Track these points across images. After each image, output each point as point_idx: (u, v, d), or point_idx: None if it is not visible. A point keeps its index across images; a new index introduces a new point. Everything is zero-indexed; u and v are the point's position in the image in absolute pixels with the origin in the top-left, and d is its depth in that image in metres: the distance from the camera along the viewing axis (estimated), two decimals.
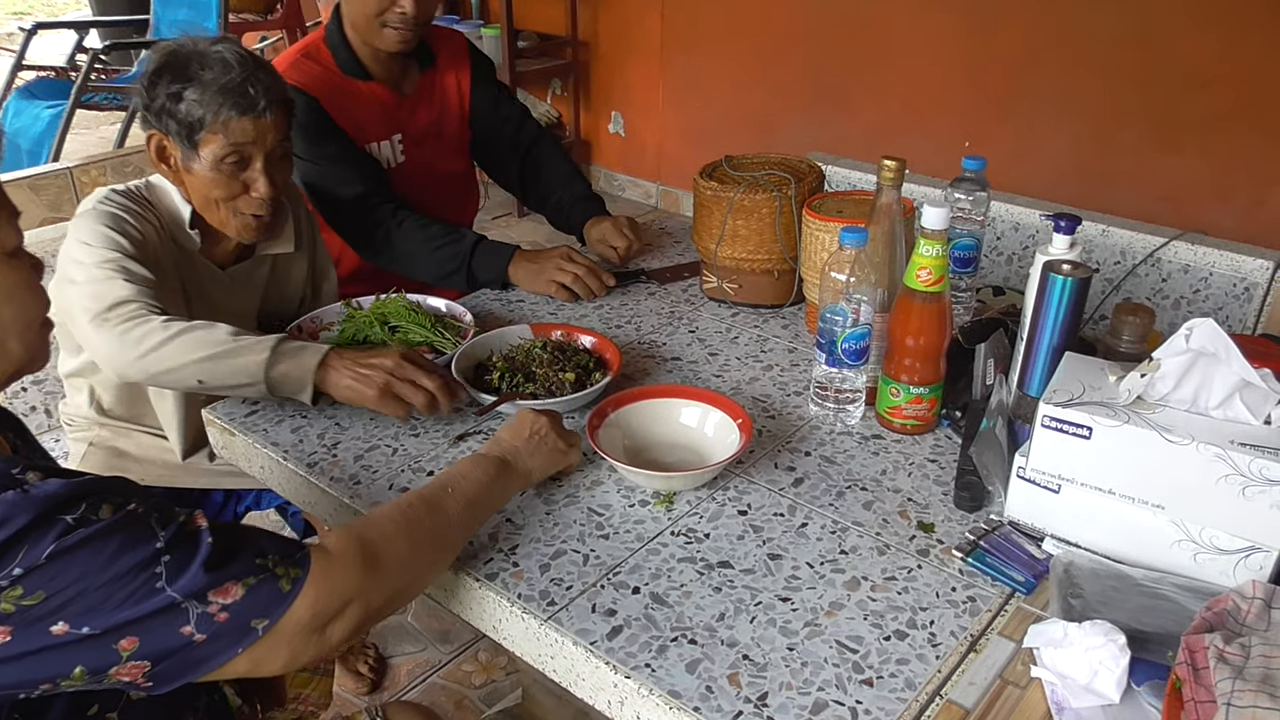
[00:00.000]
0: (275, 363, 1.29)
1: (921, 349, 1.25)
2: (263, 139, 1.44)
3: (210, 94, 1.38)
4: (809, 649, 0.96)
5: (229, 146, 1.41)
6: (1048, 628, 0.93)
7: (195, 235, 1.52)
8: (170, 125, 1.41)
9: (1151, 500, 0.99)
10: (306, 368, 1.30)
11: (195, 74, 1.39)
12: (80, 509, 0.76)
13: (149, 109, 1.42)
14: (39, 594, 0.73)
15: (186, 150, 1.43)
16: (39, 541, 0.73)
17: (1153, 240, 1.79)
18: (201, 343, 1.30)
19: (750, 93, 4.13)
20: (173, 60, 1.41)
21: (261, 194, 1.46)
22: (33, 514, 0.73)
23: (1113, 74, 3.13)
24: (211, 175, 1.43)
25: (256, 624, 0.82)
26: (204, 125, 1.40)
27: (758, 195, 1.59)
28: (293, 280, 1.72)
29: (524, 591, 1.04)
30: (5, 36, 7.77)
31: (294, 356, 1.31)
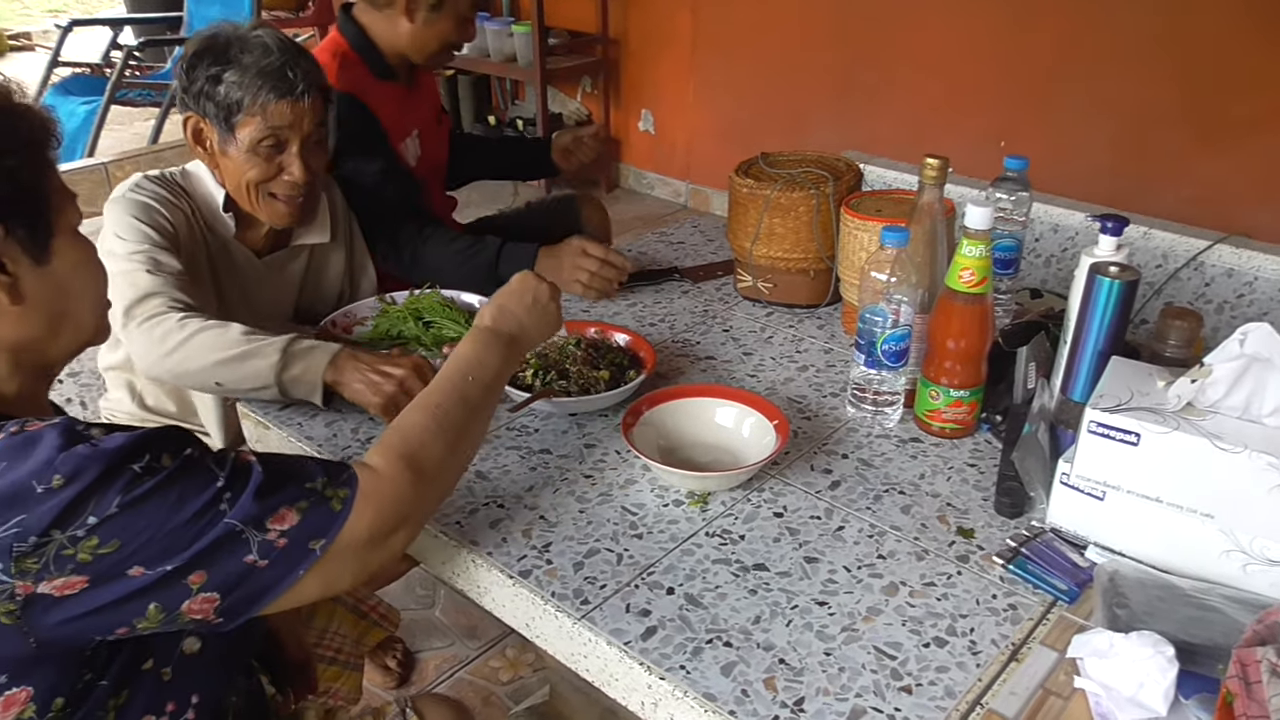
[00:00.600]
0: (286, 366, 1.31)
1: (962, 351, 1.23)
2: (299, 123, 1.44)
3: (250, 77, 1.39)
4: (846, 654, 0.95)
5: (266, 129, 1.42)
6: (1092, 638, 0.91)
7: (230, 219, 1.52)
8: (208, 108, 1.42)
9: (1200, 509, 0.97)
10: (316, 370, 1.31)
11: (235, 57, 1.40)
12: (145, 459, 0.79)
13: (187, 91, 1.43)
14: (114, 542, 0.77)
15: (223, 133, 1.43)
16: (109, 492, 0.77)
17: (1195, 243, 1.76)
18: (215, 345, 1.31)
19: (781, 90, 4.10)
20: (213, 44, 1.42)
21: (295, 177, 1.47)
22: (103, 466, 0.77)
23: (1152, 73, 3.08)
24: (247, 158, 1.44)
25: (314, 544, 0.85)
26: (242, 108, 1.40)
27: (795, 193, 1.58)
28: (330, 273, 1.72)
29: (557, 590, 1.03)
30: (41, 34, 7.87)
31: (304, 359, 1.31)
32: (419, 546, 1.16)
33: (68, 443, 0.77)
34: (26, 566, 0.75)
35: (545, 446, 1.28)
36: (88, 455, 0.77)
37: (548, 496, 1.18)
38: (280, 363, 1.30)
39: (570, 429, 1.31)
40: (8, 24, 8.16)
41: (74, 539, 0.75)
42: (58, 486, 0.75)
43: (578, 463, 1.24)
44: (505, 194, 4.71)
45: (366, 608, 1.45)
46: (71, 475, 0.76)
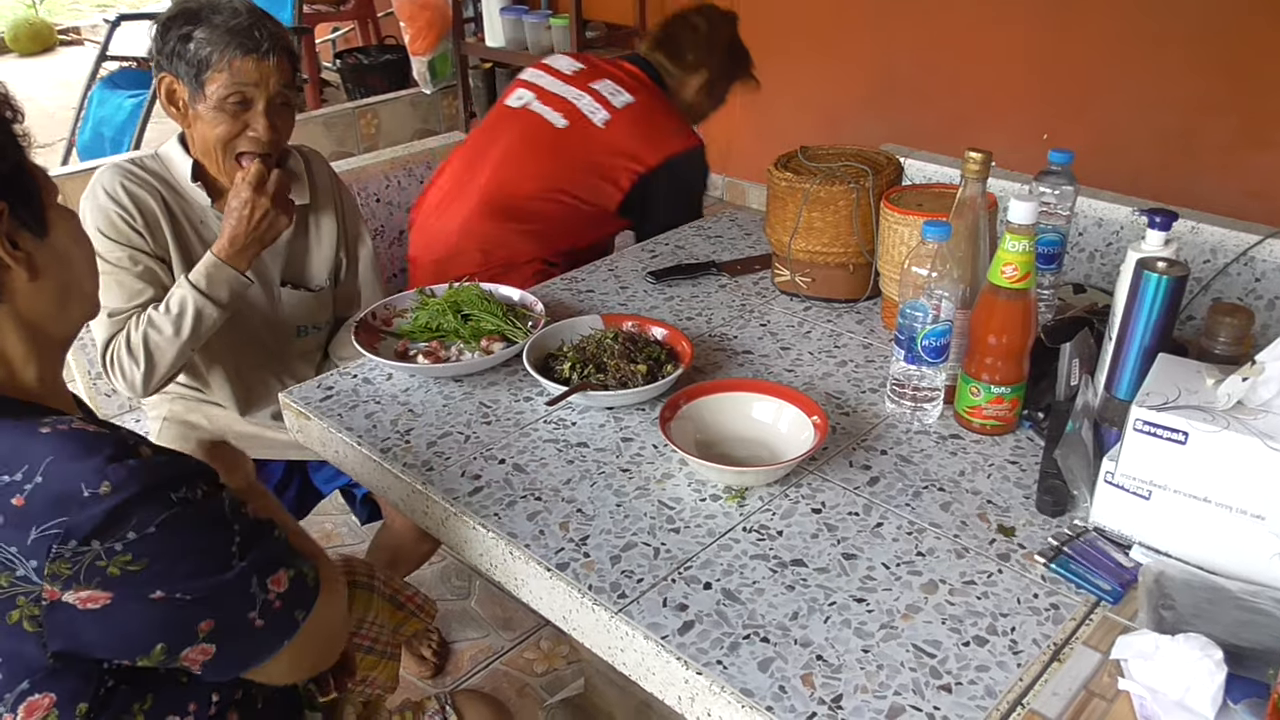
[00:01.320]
0: (216, 299, 1.51)
1: (1004, 347, 1.21)
2: (265, 82, 1.51)
3: (218, 34, 1.46)
4: (885, 652, 0.94)
5: (232, 86, 1.48)
6: (1137, 639, 0.89)
7: (200, 189, 1.58)
8: (179, 67, 1.49)
9: (1251, 510, 0.95)
10: (227, 274, 1.51)
11: (206, 17, 1.48)
12: (183, 488, 0.81)
13: (160, 52, 1.51)
14: (144, 560, 0.77)
15: (194, 90, 1.50)
16: (149, 512, 0.78)
17: (1245, 238, 1.72)
18: (165, 338, 1.51)
19: (820, 84, 4.07)
20: (186, 7, 1.50)
21: (259, 134, 1.53)
22: (149, 482, 0.78)
23: (1200, 65, 3.02)
24: (214, 115, 1.51)
25: (299, 615, 0.88)
26: (210, 64, 1.47)
27: (834, 187, 1.56)
28: (324, 238, 1.75)
29: (594, 583, 1.03)
30: (90, 29, 8.01)
31: (215, 280, 1.51)
32: (455, 537, 1.17)
33: (119, 454, 0.78)
34: (59, 570, 0.75)
35: (582, 440, 1.28)
36: (136, 468, 0.78)
37: (585, 490, 1.18)
38: (212, 302, 1.51)
39: (607, 423, 1.31)
40: (58, 19, 8.31)
41: (110, 551, 0.76)
42: (105, 494, 0.76)
43: (615, 456, 1.24)
44: None
45: (404, 598, 1.46)
46: (119, 485, 0.76)
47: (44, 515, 0.75)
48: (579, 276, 1.78)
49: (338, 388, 1.42)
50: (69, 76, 6.40)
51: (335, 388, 1.42)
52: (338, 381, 1.43)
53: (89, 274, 0.96)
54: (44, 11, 8.41)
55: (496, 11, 4.57)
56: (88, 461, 0.77)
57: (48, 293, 0.89)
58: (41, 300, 0.89)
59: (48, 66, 7.34)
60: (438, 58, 5.18)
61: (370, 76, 5.25)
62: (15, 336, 0.88)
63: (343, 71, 5.31)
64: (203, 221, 1.61)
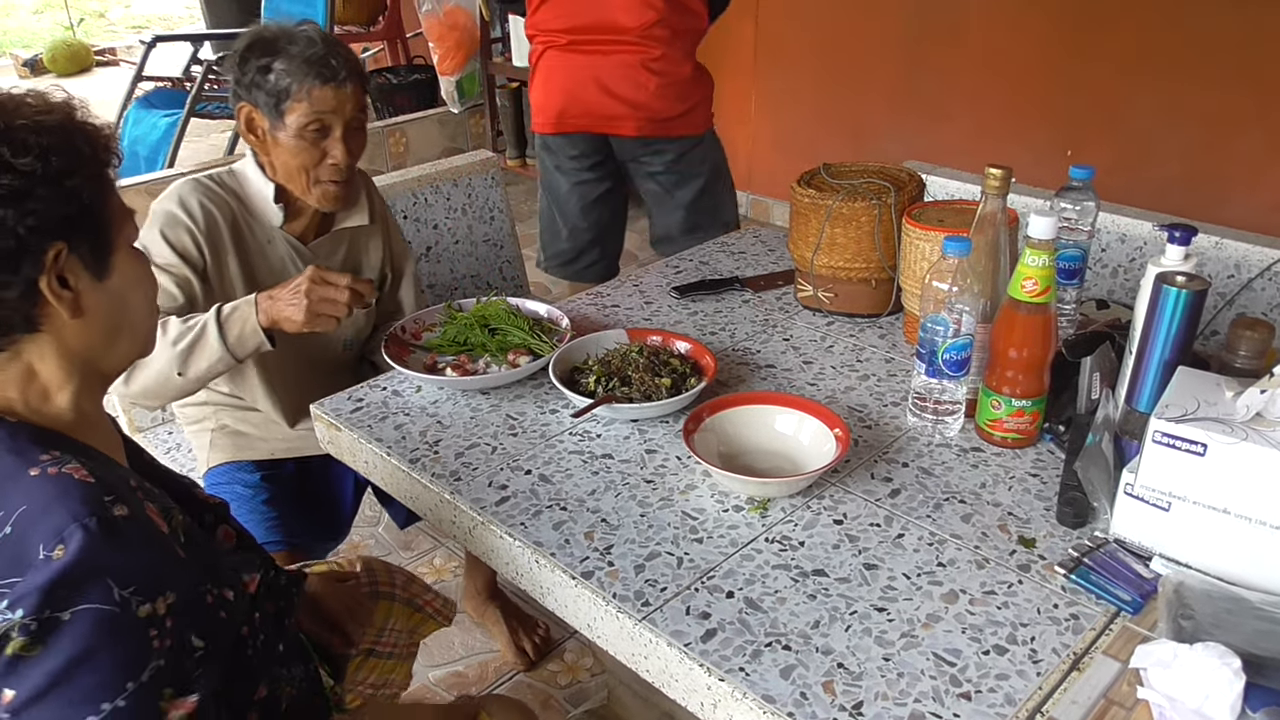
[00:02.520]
0: (226, 330, 1.45)
1: (1025, 361, 1.22)
2: (342, 108, 1.55)
3: (296, 65, 1.50)
4: (905, 660, 0.95)
5: (312, 114, 1.52)
6: (1157, 648, 0.90)
7: (280, 209, 1.62)
8: (259, 97, 1.53)
9: (1270, 521, 0.96)
10: (251, 323, 1.45)
11: (283, 48, 1.51)
12: (130, 589, 0.78)
13: (239, 83, 1.55)
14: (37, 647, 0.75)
15: (273, 120, 1.54)
16: (82, 595, 0.76)
17: (1270, 253, 1.72)
18: (164, 342, 1.44)
19: (843, 101, 4.09)
20: (262, 37, 1.54)
21: (338, 160, 1.57)
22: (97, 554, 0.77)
23: (1225, 79, 3.01)
24: (295, 143, 1.54)
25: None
26: (290, 94, 1.51)
27: (857, 203, 1.58)
28: (370, 258, 1.80)
29: (619, 591, 1.05)
30: (126, 50, 8.17)
31: (236, 321, 1.46)
32: (483, 546, 1.20)
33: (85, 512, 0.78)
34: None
35: (607, 451, 1.30)
36: (94, 533, 0.77)
37: (610, 500, 1.20)
38: (220, 331, 1.45)
39: (632, 434, 1.34)
40: (95, 40, 8.49)
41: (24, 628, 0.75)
42: (56, 557, 0.75)
43: (639, 468, 1.26)
44: None
45: (423, 601, 1.49)
46: (71, 550, 0.76)
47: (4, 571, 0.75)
48: (604, 292, 1.81)
49: (367, 400, 1.45)
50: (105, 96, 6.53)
51: (365, 400, 1.45)
52: (367, 394, 1.47)
53: (145, 317, 0.97)
54: (81, 33, 8.60)
55: (523, 31, 4.63)
56: (55, 519, 0.77)
57: (94, 331, 0.90)
58: (86, 336, 0.90)
59: (85, 87, 7.49)
60: (465, 77, 5.25)
61: (399, 96, 5.33)
62: (54, 363, 0.89)
63: (372, 91, 5.40)
64: (270, 240, 1.64)
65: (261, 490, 1.70)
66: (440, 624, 1.52)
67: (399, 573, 1.48)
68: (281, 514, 1.67)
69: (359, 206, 1.73)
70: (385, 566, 1.46)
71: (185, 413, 1.79)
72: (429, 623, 1.51)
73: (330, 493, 1.82)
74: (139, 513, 0.83)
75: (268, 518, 1.66)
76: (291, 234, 1.66)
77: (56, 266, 0.85)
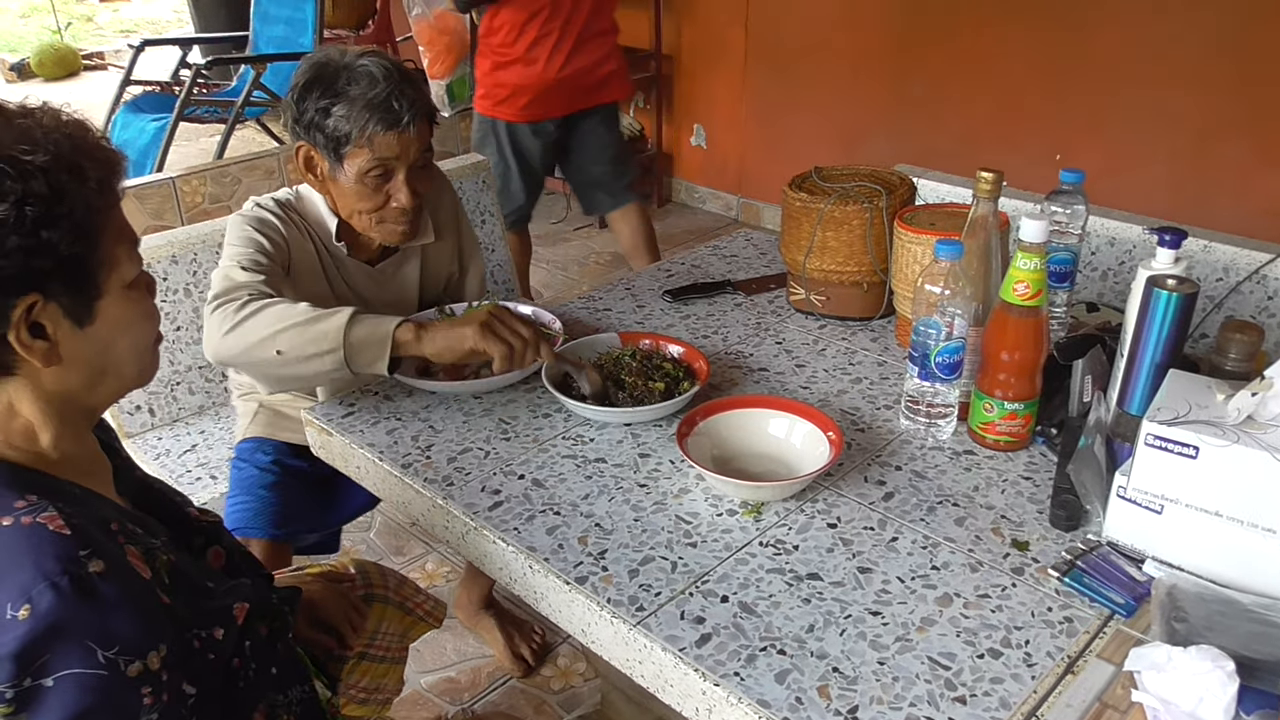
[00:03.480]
0: (354, 327, 1.32)
1: (1017, 364, 1.23)
2: (406, 153, 1.48)
3: (357, 110, 1.42)
4: (900, 664, 0.95)
5: (374, 161, 1.46)
6: (1150, 651, 0.90)
7: (342, 247, 1.60)
8: (318, 138, 1.46)
9: (1262, 524, 0.96)
10: (384, 330, 1.33)
11: (343, 89, 1.43)
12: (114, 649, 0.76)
13: (298, 121, 1.47)
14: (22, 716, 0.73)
15: (333, 163, 1.48)
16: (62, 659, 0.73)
17: (1258, 256, 1.73)
18: (281, 315, 1.34)
19: (833, 105, 4.10)
20: (322, 74, 1.45)
21: (403, 204, 1.51)
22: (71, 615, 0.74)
23: (1213, 85, 3.03)
24: (356, 188, 1.49)
25: None
26: (350, 140, 1.44)
27: (848, 207, 1.59)
28: (444, 264, 1.79)
29: (613, 596, 1.05)
30: (114, 54, 8.14)
31: (372, 320, 1.34)
32: (475, 551, 1.19)
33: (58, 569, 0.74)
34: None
35: (600, 456, 1.30)
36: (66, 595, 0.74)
37: (603, 504, 1.20)
38: (350, 323, 1.31)
39: (625, 439, 1.33)
40: (83, 44, 8.46)
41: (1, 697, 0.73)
42: (22, 618, 0.72)
43: (633, 472, 1.26)
44: (559, 208, 4.76)
45: (413, 604, 1.48)
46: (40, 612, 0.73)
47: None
48: (596, 295, 1.80)
49: (359, 405, 1.44)
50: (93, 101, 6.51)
51: (357, 404, 1.44)
52: (359, 398, 1.46)
53: (131, 359, 0.92)
54: (69, 37, 8.56)
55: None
56: (23, 575, 0.74)
57: (74, 376, 0.86)
58: (65, 380, 0.86)
59: (73, 91, 7.46)
60: (455, 81, 5.23)
61: None
62: (33, 406, 0.86)
63: None
64: (341, 263, 1.62)
65: (268, 474, 1.70)
66: (431, 625, 1.52)
67: (391, 575, 1.47)
68: (278, 502, 1.67)
69: (424, 229, 1.68)
70: (378, 569, 1.46)
71: (239, 384, 1.80)
72: (420, 625, 1.50)
73: (335, 498, 1.82)
74: (118, 563, 0.80)
75: (263, 503, 1.66)
76: (358, 259, 1.64)
77: (28, 318, 0.81)
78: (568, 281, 4.05)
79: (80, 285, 0.84)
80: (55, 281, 0.82)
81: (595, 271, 4.15)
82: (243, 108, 4.32)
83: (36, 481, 0.84)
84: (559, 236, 4.51)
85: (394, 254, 1.69)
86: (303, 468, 1.73)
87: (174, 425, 2.07)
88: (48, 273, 0.81)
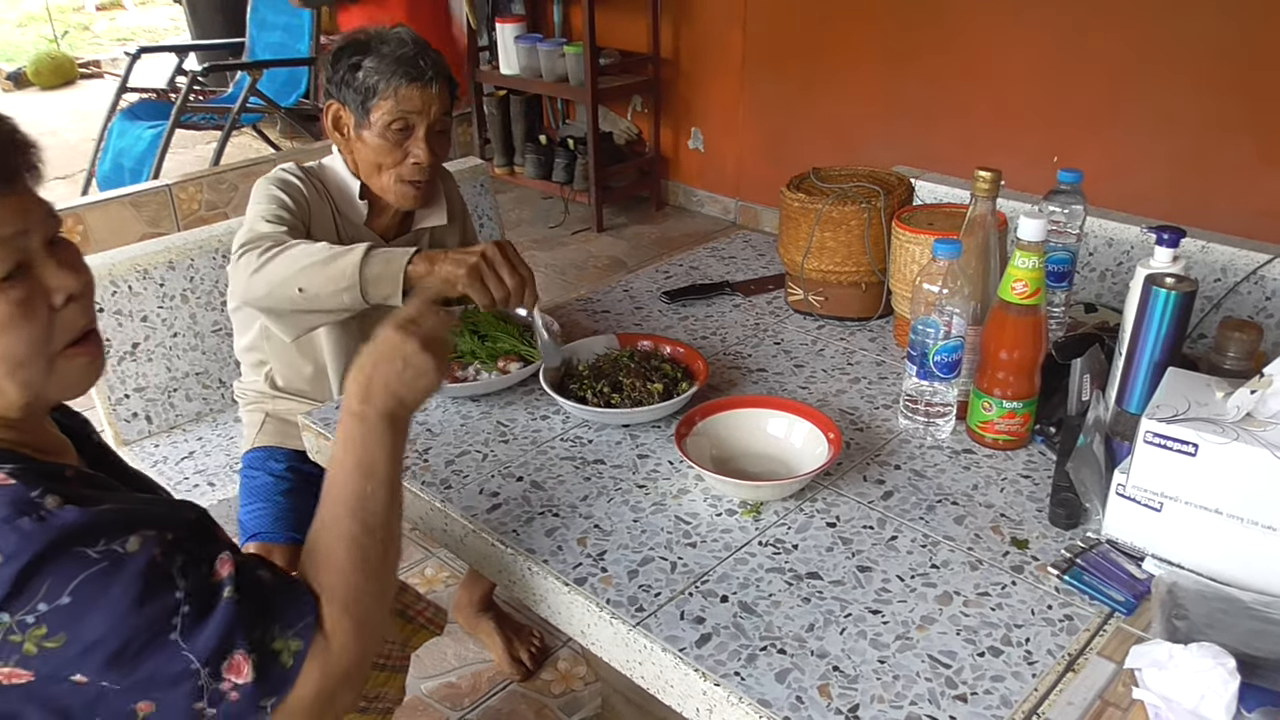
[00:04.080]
0: (369, 263, 1.37)
1: (1015, 363, 1.23)
2: (427, 109, 1.56)
3: (386, 63, 1.53)
4: (901, 662, 0.95)
5: (397, 112, 1.54)
6: (1151, 649, 0.90)
7: (364, 205, 1.65)
8: (347, 94, 1.56)
9: (1262, 521, 0.96)
10: (398, 263, 1.38)
11: (374, 48, 1.55)
12: (101, 542, 0.74)
13: (331, 80, 1.58)
14: (60, 635, 0.72)
15: (360, 117, 1.57)
16: (61, 576, 0.72)
17: (1256, 256, 1.73)
18: (303, 254, 1.40)
19: (831, 107, 4.11)
20: (355, 39, 1.58)
21: (420, 160, 1.58)
22: (44, 543, 0.72)
23: (1213, 86, 3.03)
24: (378, 141, 1.56)
25: (265, 702, 0.81)
26: (377, 92, 1.54)
27: (846, 207, 1.59)
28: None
29: (613, 597, 1.04)
30: (110, 61, 8.14)
31: (386, 256, 1.39)
32: (474, 554, 1.19)
33: (14, 513, 0.72)
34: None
35: (599, 457, 1.30)
36: (32, 531, 0.72)
37: (602, 506, 1.20)
38: (364, 259, 1.37)
39: (624, 440, 1.33)
40: (79, 53, 8.46)
41: (23, 624, 0.71)
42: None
43: (631, 473, 1.26)
44: (556, 212, 4.77)
45: (414, 611, 1.48)
46: (11, 553, 0.71)
47: None
48: (594, 297, 1.80)
49: None
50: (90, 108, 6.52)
51: None
52: None
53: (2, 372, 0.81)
54: (65, 46, 8.56)
55: (511, 40, 4.64)
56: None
57: None
58: None
59: (69, 99, 7.46)
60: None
61: None
62: None
63: None
64: (356, 236, 1.66)
65: (283, 481, 1.72)
66: (433, 633, 1.51)
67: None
68: (296, 508, 1.68)
69: (438, 206, 1.75)
70: None
71: (245, 394, 1.83)
72: (421, 633, 1.50)
73: None
74: (75, 494, 0.77)
75: (281, 509, 1.67)
76: (374, 230, 1.69)
77: None
78: (566, 285, 4.05)
79: None
80: None
81: (593, 275, 4.15)
82: (239, 114, 4.32)
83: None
84: (557, 241, 4.51)
85: (407, 234, 1.73)
86: (316, 473, 1.73)
87: (171, 432, 2.07)
88: None
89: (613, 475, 1.26)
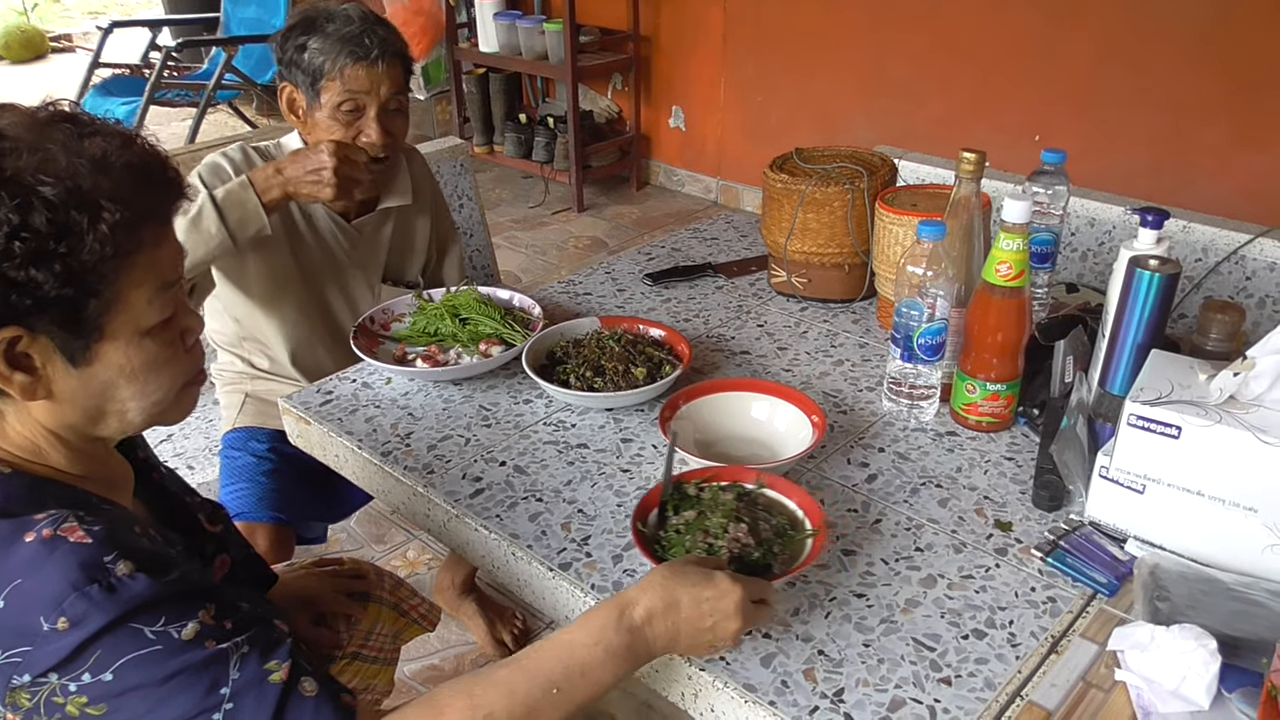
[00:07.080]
0: (227, 215, 1.44)
1: (999, 345, 1.23)
2: (376, 89, 1.54)
3: (330, 43, 1.51)
4: (885, 646, 0.95)
5: (345, 93, 1.53)
6: (1134, 630, 0.90)
7: None
8: (297, 75, 1.55)
9: (1244, 503, 0.96)
10: (253, 202, 1.45)
11: (320, 27, 1.53)
12: (160, 621, 0.74)
13: (281, 62, 1.57)
14: (101, 707, 0.72)
15: (311, 98, 1.55)
16: (114, 651, 0.72)
17: (1236, 237, 1.74)
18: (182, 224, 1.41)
19: (813, 86, 4.09)
20: (303, 18, 1.55)
21: (372, 140, 1.56)
22: (111, 617, 0.72)
23: (1194, 67, 3.04)
24: (329, 123, 1.55)
25: None
26: (324, 73, 1.52)
27: (829, 188, 1.58)
28: (417, 236, 1.81)
29: (597, 582, 1.04)
30: (82, 35, 8.01)
31: (236, 203, 1.45)
32: (458, 539, 1.18)
33: (85, 578, 0.72)
34: (19, 700, 0.72)
35: (582, 441, 1.29)
36: (101, 601, 0.72)
37: (586, 490, 1.19)
38: (219, 216, 1.44)
39: (607, 424, 1.32)
40: (50, 26, 8.31)
41: (65, 690, 0.71)
42: (62, 629, 0.71)
43: (615, 457, 1.25)
44: (536, 191, 4.73)
45: (408, 606, 1.47)
46: (77, 621, 0.71)
47: (7, 642, 0.71)
48: (576, 279, 1.79)
49: (337, 392, 1.43)
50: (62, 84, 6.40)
51: (335, 392, 1.43)
52: (337, 386, 1.44)
53: (138, 406, 0.85)
54: (35, 19, 8.40)
55: (490, 17, 4.59)
56: (50, 588, 0.71)
57: (68, 411, 0.82)
58: (59, 414, 0.82)
59: (40, 74, 7.33)
60: (431, 64, 5.19)
61: None
62: (30, 428, 0.83)
63: None
64: (311, 215, 1.66)
65: (265, 461, 1.71)
66: (424, 629, 1.51)
67: (388, 576, 1.46)
68: (279, 488, 1.67)
69: (400, 186, 1.73)
70: (376, 570, 1.44)
71: (222, 375, 1.82)
72: (412, 628, 1.49)
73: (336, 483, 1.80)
74: (145, 555, 0.77)
75: (264, 489, 1.66)
76: (334, 211, 1.67)
77: (10, 350, 0.77)
78: (546, 266, 4.02)
79: (74, 326, 0.78)
80: (40, 317, 0.76)
81: (574, 255, 4.13)
82: (215, 91, 4.26)
83: (55, 493, 0.81)
84: (537, 220, 4.49)
85: (370, 214, 1.71)
86: (299, 454, 1.72)
87: None
88: (28, 310, 0.75)
89: (596, 459, 1.25)
